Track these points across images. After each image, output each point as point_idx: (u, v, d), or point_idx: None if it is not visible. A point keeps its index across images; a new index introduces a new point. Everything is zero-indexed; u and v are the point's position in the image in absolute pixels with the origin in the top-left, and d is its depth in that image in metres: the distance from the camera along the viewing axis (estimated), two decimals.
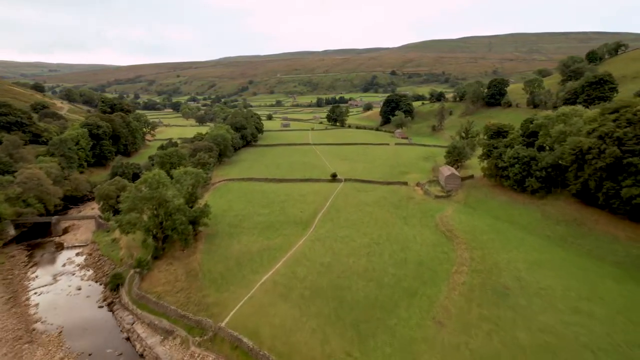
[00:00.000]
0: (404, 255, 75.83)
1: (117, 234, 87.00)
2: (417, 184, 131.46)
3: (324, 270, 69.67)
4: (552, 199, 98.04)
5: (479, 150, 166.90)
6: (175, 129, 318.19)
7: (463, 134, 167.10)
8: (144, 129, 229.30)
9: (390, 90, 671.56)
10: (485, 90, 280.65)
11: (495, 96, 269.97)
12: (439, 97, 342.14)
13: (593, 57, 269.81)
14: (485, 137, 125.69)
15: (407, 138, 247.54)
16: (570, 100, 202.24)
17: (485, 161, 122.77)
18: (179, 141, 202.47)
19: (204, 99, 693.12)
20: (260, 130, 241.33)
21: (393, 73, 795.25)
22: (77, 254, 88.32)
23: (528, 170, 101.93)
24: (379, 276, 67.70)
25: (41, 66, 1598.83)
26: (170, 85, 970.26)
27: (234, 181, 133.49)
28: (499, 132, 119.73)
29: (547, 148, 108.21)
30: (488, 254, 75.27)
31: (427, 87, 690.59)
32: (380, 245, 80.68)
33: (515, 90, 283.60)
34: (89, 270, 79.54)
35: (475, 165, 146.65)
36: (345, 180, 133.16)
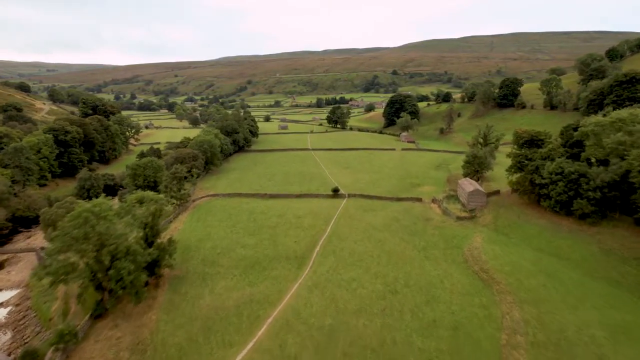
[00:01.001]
0: (431, 314, 56.18)
1: None
2: (433, 200, 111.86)
3: (325, 342, 50.04)
4: (608, 226, 78.43)
5: (501, 159, 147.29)
6: (166, 131, 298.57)
7: (481, 140, 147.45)
8: (128, 133, 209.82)
9: (392, 91, 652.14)
10: (497, 91, 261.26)
11: (507, 97, 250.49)
12: (445, 98, 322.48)
13: (614, 55, 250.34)
14: (515, 147, 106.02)
15: (414, 142, 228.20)
16: (596, 101, 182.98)
17: (516, 175, 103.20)
18: (163, 147, 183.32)
19: (202, 99, 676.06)
20: (254, 133, 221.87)
21: (394, 73, 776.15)
22: (1, 305, 68.82)
23: (576, 190, 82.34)
24: (401, 353, 48.03)
25: (39, 66, 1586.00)
26: (167, 85, 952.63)
27: (219, 197, 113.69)
28: (532, 141, 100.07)
29: (594, 161, 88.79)
30: (545, 312, 55.64)
31: (430, 87, 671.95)
32: (399, 296, 61.01)
33: (527, 90, 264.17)
34: (5, 333, 59.87)
35: (499, 177, 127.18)
36: (349, 195, 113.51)
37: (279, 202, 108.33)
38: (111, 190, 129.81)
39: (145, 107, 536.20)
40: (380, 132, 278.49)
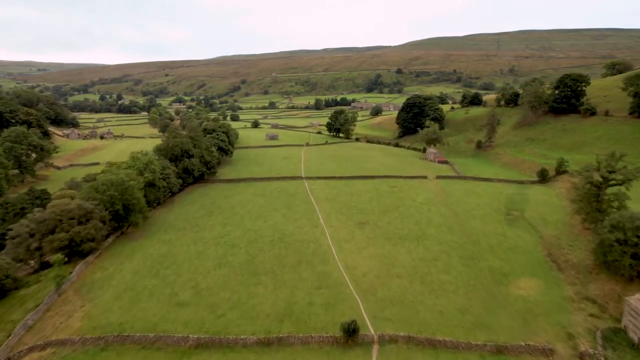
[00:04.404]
0: None
1: None
2: (582, 357, 47.40)
3: None
4: None
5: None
6: (124, 142, 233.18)
7: (606, 174, 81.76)
8: (49, 151, 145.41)
9: (397, 91, 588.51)
10: (551, 91, 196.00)
11: (569, 99, 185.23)
12: (475, 100, 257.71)
13: None
14: None
15: (447, 162, 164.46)
16: None
17: None
18: (100, 169, 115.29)
19: (192, 100, 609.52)
20: (226, 151, 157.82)
21: (399, 71, 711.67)
22: None
23: None
24: None
25: (30, 65, 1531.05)
26: (157, 85, 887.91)
27: (81, 346, 48.66)
28: None
29: None
30: None
31: (438, 86, 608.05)
32: None
33: (588, 90, 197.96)
34: None
35: None
36: (382, 339, 48.66)
37: None
38: None
39: (124, 109, 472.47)
40: (396, 145, 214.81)
